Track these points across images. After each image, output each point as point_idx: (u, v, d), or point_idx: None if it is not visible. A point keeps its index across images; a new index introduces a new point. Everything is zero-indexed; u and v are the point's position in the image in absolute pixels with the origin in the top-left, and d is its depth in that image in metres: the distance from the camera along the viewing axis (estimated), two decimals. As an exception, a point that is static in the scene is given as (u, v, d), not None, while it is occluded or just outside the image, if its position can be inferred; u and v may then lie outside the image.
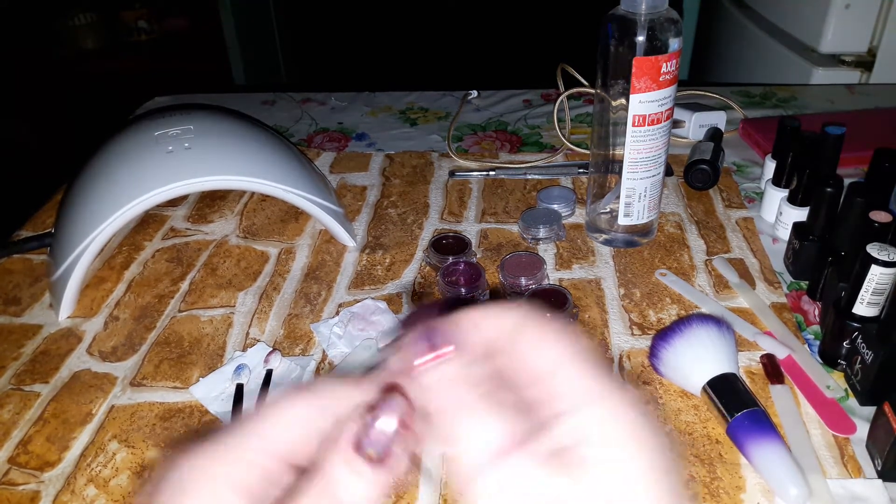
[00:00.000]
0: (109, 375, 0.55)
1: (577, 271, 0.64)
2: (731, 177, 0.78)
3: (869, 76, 1.16)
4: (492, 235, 0.70)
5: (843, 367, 0.52)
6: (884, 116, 0.89)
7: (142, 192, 0.59)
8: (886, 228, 0.51)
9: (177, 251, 0.70)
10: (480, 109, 0.97)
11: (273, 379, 0.53)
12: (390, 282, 0.64)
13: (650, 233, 0.67)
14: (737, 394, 0.47)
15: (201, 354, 0.57)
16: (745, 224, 0.70)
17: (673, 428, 0.48)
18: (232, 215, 0.75)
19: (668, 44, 0.56)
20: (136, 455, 0.48)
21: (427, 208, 0.75)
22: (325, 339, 0.57)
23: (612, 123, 0.61)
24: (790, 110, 0.93)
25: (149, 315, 0.61)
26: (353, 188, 0.79)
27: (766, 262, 0.64)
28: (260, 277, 0.65)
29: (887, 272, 0.47)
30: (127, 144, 0.62)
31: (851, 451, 0.46)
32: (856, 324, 0.50)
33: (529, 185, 0.78)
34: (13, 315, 0.62)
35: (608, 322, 0.58)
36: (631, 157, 0.61)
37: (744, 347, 0.55)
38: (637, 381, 0.52)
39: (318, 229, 0.72)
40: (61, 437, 0.50)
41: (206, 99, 1.01)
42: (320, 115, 0.98)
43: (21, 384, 0.55)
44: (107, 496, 0.45)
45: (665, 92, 0.58)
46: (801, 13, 1.25)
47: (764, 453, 0.44)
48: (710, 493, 0.43)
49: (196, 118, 0.65)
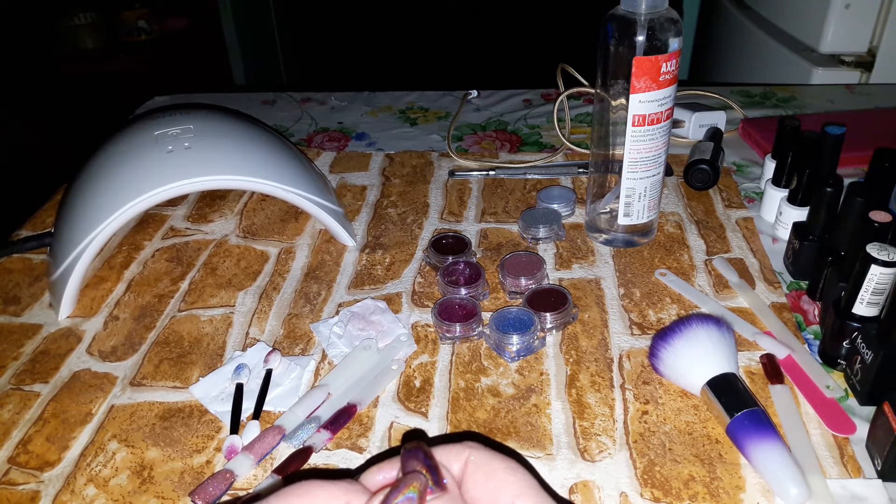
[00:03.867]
0: (109, 375, 0.55)
1: (576, 271, 0.64)
2: (731, 177, 0.78)
3: (869, 76, 1.16)
4: (492, 235, 0.70)
5: (843, 367, 0.52)
6: (884, 116, 0.89)
7: (142, 191, 0.59)
8: (886, 228, 0.51)
9: (177, 251, 0.70)
10: (480, 109, 0.97)
11: (273, 379, 0.53)
12: (390, 281, 0.64)
13: (650, 233, 0.67)
14: (737, 394, 0.47)
15: (201, 354, 0.57)
16: (745, 224, 0.70)
17: (673, 427, 0.48)
18: (232, 215, 0.75)
19: (668, 44, 0.56)
20: (136, 455, 0.48)
21: (427, 208, 0.75)
22: (324, 338, 0.57)
23: (612, 123, 0.61)
24: (790, 110, 0.93)
25: (149, 315, 0.61)
26: (353, 188, 0.79)
27: (766, 262, 0.64)
28: (260, 277, 0.65)
29: (887, 272, 0.47)
30: (127, 144, 0.62)
31: (851, 451, 0.46)
32: (856, 324, 0.50)
33: (529, 184, 0.78)
34: (13, 315, 0.62)
35: (608, 322, 0.58)
36: (631, 156, 0.61)
37: (744, 347, 0.55)
38: (637, 381, 0.52)
39: (318, 229, 0.72)
40: (61, 436, 0.50)
41: (206, 99, 1.01)
42: (320, 115, 0.98)
43: (21, 384, 0.55)
44: (106, 496, 0.45)
45: (665, 92, 0.58)
46: (801, 13, 1.25)
47: (764, 453, 0.44)
48: (709, 493, 0.43)
49: (196, 118, 0.65)
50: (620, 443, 0.47)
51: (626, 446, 0.47)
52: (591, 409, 0.50)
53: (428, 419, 0.50)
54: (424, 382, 0.53)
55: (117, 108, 1.12)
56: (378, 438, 0.48)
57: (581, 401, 0.51)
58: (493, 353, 0.55)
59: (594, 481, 0.45)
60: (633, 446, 0.47)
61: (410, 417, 0.50)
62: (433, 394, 0.52)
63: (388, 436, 0.49)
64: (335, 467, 0.47)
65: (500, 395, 0.51)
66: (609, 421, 0.49)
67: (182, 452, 0.48)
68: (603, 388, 0.52)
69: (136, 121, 0.66)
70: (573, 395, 0.51)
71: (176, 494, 0.45)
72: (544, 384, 0.52)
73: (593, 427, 0.49)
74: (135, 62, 2.22)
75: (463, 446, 0.29)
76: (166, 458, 0.48)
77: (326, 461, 0.47)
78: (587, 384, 0.52)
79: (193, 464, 0.47)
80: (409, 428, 0.49)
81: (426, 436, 0.49)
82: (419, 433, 0.48)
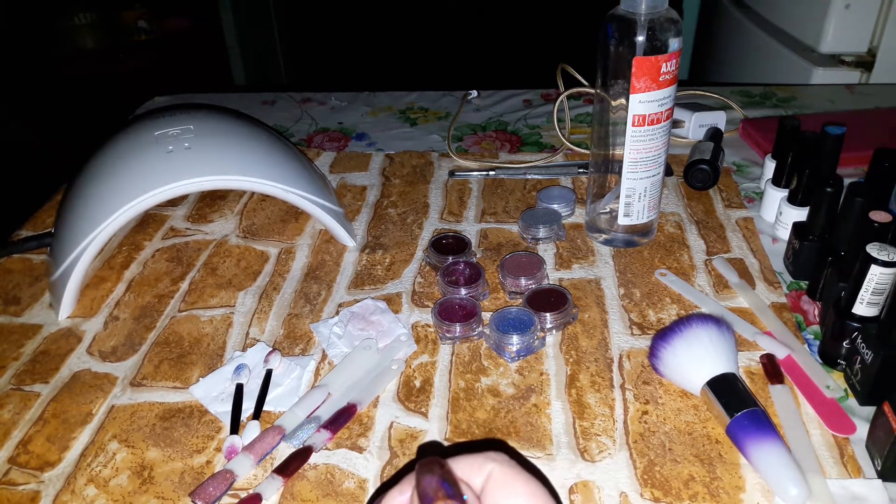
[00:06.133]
0: (109, 375, 0.55)
1: (576, 271, 0.64)
2: (731, 177, 0.78)
3: (869, 76, 1.16)
4: (492, 235, 0.70)
5: (843, 367, 0.52)
6: (884, 116, 0.89)
7: (142, 191, 0.59)
8: (886, 228, 0.51)
9: (177, 251, 0.70)
10: (480, 109, 0.97)
11: (273, 379, 0.53)
12: (390, 281, 0.64)
13: (650, 233, 0.67)
14: (737, 394, 0.47)
15: (201, 354, 0.57)
16: (744, 224, 0.70)
17: (673, 427, 0.48)
18: (232, 215, 0.75)
19: (668, 44, 0.56)
20: (136, 455, 0.48)
21: (427, 208, 0.75)
22: (324, 338, 0.57)
23: (612, 123, 0.61)
24: (790, 110, 0.93)
25: (149, 315, 0.61)
26: (353, 188, 0.79)
27: (766, 262, 0.64)
28: (260, 277, 0.65)
29: (887, 272, 0.47)
30: (127, 144, 0.62)
31: (851, 451, 0.46)
32: (856, 324, 0.50)
33: (529, 185, 0.78)
34: (13, 315, 0.62)
35: (608, 322, 0.58)
36: (631, 157, 0.61)
37: (744, 347, 0.55)
38: (637, 381, 0.52)
39: (318, 229, 0.72)
40: (61, 437, 0.50)
41: (206, 99, 1.01)
42: (320, 115, 0.98)
43: (21, 384, 0.55)
44: (107, 496, 0.45)
45: (665, 92, 0.58)
46: (801, 13, 1.25)
47: (764, 453, 0.44)
48: (709, 493, 0.44)
49: (196, 118, 0.65)
50: (620, 443, 0.47)
51: (626, 446, 0.47)
52: (591, 410, 0.50)
53: (428, 419, 0.50)
54: (424, 382, 0.53)
55: (117, 108, 1.12)
56: (378, 438, 0.48)
57: (581, 401, 0.51)
58: (493, 353, 0.55)
59: (594, 481, 0.45)
60: (633, 446, 0.47)
61: (410, 417, 0.50)
62: (433, 394, 0.52)
63: (388, 436, 0.49)
64: (335, 467, 0.47)
65: (500, 395, 0.51)
66: (609, 421, 0.49)
67: (182, 453, 0.48)
68: (603, 388, 0.52)
69: (136, 121, 0.66)
70: (573, 395, 0.51)
71: (176, 495, 0.45)
72: (544, 384, 0.52)
73: (593, 427, 0.49)
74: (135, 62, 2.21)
75: (485, 458, 0.28)
76: (166, 458, 0.48)
77: (326, 461, 0.47)
78: (587, 384, 0.52)
79: (193, 464, 0.47)
80: (411, 429, 0.49)
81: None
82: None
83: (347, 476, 0.46)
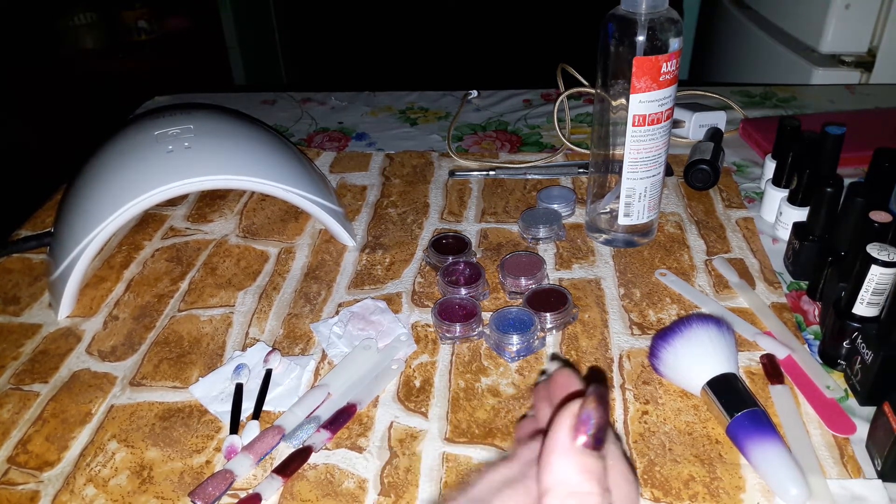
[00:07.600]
0: (109, 375, 0.55)
1: (577, 271, 0.64)
2: (731, 177, 0.78)
3: (869, 76, 1.16)
4: (492, 235, 0.70)
5: (843, 367, 0.52)
6: (884, 116, 0.88)
7: (142, 191, 0.59)
8: (886, 228, 0.51)
9: (176, 251, 0.70)
10: (480, 109, 0.97)
11: (273, 379, 0.53)
12: (390, 281, 0.64)
13: (650, 233, 0.67)
14: (737, 394, 0.47)
15: (201, 354, 0.57)
16: (745, 224, 0.70)
17: (673, 427, 0.48)
18: (232, 215, 0.75)
19: (669, 44, 0.56)
20: (136, 455, 0.48)
21: (427, 208, 0.75)
22: (324, 338, 0.57)
23: (612, 123, 0.61)
24: (790, 110, 0.93)
25: (148, 314, 0.61)
26: (353, 188, 0.79)
27: (766, 262, 0.64)
28: (259, 277, 0.65)
29: (887, 272, 0.47)
30: (127, 144, 0.62)
31: (851, 452, 0.46)
32: (856, 324, 0.50)
33: (529, 184, 0.78)
34: (12, 314, 0.62)
35: (608, 322, 0.58)
36: (631, 157, 0.61)
37: (744, 347, 0.55)
38: (637, 382, 0.52)
39: (318, 229, 0.72)
40: (60, 436, 0.50)
41: (206, 99, 1.01)
42: (320, 115, 0.98)
43: (20, 384, 0.55)
44: (106, 496, 0.45)
45: (665, 92, 0.58)
46: (801, 13, 1.25)
47: (764, 453, 0.44)
48: (709, 493, 0.43)
49: (196, 118, 0.65)
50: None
51: (626, 446, 0.47)
52: (591, 410, 0.50)
53: (428, 419, 0.50)
54: (424, 382, 0.53)
55: (117, 108, 1.12)
56: (378, 438, 0.48)
57: (581, 401, 0.51)
58: (493, 353, 0.55)
59: (594, 481, 0.45)
60: (633, 446, 0.47)
61: (410, 417, 0.50)
62: (433, 394, 0.52)
63: (387, 436, 0.49)
64: (335, 467, 0.46)
65: (500, 395, 0.51)
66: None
67: (182, 452, 0.48)
68: (603, 388, 0.52)
69: (136, 121, 0.66)
70: (573, 395, 0.51)
71: (176, 495, 0.45)
72: (544, 384, 0.52)
73: (593, 427, 0.48)
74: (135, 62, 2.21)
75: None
76: (166, 458, 0.48)
77: (326, 461, 0.47)
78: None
79: (193, 464, 0.47)
80: (411, 429, 0.49)
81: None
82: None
83: (347, 476, 0.46)
